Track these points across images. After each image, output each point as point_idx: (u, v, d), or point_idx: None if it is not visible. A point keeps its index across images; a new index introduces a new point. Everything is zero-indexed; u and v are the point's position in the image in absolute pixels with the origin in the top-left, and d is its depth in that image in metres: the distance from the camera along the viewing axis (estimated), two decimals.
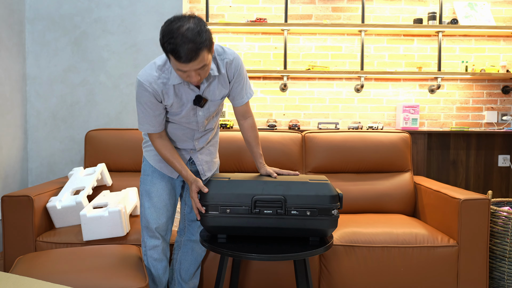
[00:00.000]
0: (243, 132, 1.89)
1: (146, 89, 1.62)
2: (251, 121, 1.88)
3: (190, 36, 1.43)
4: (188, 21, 1.46)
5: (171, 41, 1.43)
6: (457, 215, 2.10)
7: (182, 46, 1.43)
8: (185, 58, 1.44)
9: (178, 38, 1.43)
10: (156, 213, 1.84)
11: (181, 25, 1.44)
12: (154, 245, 1.86)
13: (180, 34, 1.43)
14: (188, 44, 1.43)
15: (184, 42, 1.43)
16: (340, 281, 2.11)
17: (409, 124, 3.29)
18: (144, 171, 1.89)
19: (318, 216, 1.62)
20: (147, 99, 1.64)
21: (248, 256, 1.53)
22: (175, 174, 1.86)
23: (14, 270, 1.69)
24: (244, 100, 1.82)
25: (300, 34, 3.42)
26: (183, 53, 1.43)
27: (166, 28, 1.46)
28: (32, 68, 3.00)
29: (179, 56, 1.44)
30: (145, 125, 1.72)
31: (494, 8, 3.41)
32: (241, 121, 1.88)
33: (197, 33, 1.44)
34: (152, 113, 1.68)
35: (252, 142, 1.88)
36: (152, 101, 1.65)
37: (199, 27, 1.46)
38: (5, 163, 2.76)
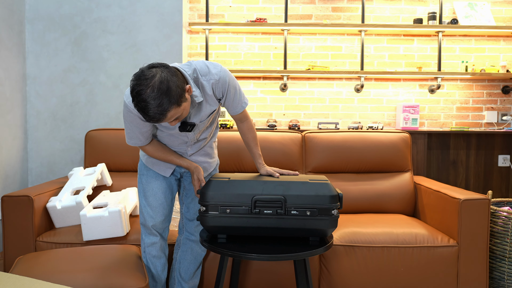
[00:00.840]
0: (241, 134, 1.91)
1: (131, 110, 1.62)
2: (249, 123, 1.89)
3: (153, 102, 1.41)
4: (152, 81, 1.41)
5: (137, 105, 1.43)
6: (457, 215, 2.10)
7: (146, 111, 1.43)
8: (153, 120, 1.46)
9: (141, 103, 1.42)
10: (152, 212, 1.87)
11: (142, 90, 1.41)
12: (152, 242, 1.89)
13: (142, 100, 1.41)
14: (152, 109, 1.42)
15: (148, 108, 1.41)
16: (340, 281, 2.11)
17: (409, 124, 3.29)
18: (140, 170, 1.91)
19: (318, 216, 1.62)
20: (132, 119, 1.65)
21: (248, 256, 1.53)
22: (167, 173, 1.87)
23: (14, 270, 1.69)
24: (239, 110, 1.80)
25: (300, 34, 3.42)
26: (149, 117, 1.45)
27: (132, 89, 1.44)
28: (32, 68, 3.00)
29: (148, 119, 1.46)
30: (132, 140, 1.74)
31: (494, 8, 3.41)
32: (238, 124, 1.90)
33: (162, 95, 1.41)
34: (138, 130, 1.70)
35: (251, 143, 1.90)
36: (137, 121, 1.66)
37: (164, 84, 1.42)
38: (5, 163, 2.76)
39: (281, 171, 1.84)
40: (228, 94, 1.71)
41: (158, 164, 1.86)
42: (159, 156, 1.79)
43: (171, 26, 2.99)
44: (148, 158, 1.87)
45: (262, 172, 1.84)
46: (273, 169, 1.84)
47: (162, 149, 1.79)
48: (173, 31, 3.00)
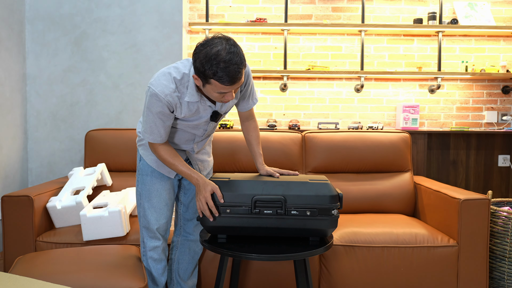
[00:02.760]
0: (245, 132, 1.91)
1: (161, 100, 1.58)
2: (254, 122, 1.91)
3: (231, 59, 1.45)
4: (222, 44, 1.47)
5: (213, 67, 1.44)
6: (457, 215, 2.10)
7: (226, 70, 1.44)
8: (230, 81, 1.46)
9: (221, 63, 1.44)
10: (157, 214, 1.83)
11: (220, 50, 1.45)
12: (154, 246, 1.86)
13: (222, 59, 1.44)
14: (232, 67, 1.44)
15: (227, 66, 1.44)
16: (340, 281, 2.11)
17: (409, 124, 3.29)
18: (142, 170, 1.85)
19: (318, 216, 1.62)
20: (160, 109, 1.61)
21: (248, 256, 1.53)
22: (172, 174, 1.85)
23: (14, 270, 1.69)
24: (250, 106, 1.85)
25: (300, 34, 3.42)
26: (228, 76, 1.45)
27: (203, 54, 1.46)
28: (32, 68, 3.00)
29: (224, 80, 1.45)
30: (154, 135, 1.68)
31: (494, 8, 3.41)
32: (244, 122, 1.91)
33: (236, 54, 1.46)
34: (163, 124, 1.65)
35: (253, 142, 1.90)
36: (165, 111, 1.62)
37: (235, 47, 1.48)
38: (5, 163, 2.76)
39: (281, 171, 1.83)
40: (247, 87, 1.77)
41: (164, 165, 1.83)
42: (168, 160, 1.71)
43: (171, 26, 2.99)
44: (153, 158, 1.84)
45: (262, 172, 1.83)
46: (273, 169, 1.84)
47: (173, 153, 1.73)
48: (173, 31, 3.00)
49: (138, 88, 3.02)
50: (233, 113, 3.46)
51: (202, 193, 1.64)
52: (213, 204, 1.63)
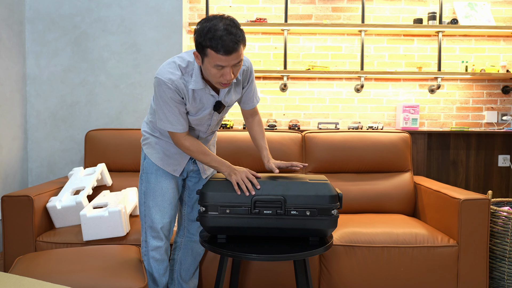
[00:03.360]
0: (249, 128, 1.93)
1: (169, 87, 1.61)
2: (257, 118, 1.94)
3: (229, 29, 1.49)
4: (223, 19, 1.52)
5: (210, 36, 1.48)
6: (457, 215, 2.10)
7: (222, 38, 1.47)
8: (226, 50, 1.48)
9: (218, 32, 1.48)
10: (161, 212, 1.82)
11: (217, 22, 1.50)
12: (157, 246, 1.84)
13: (219, 28, 1.48)
14: (228, 36, 1.48)
15: (224, 34, 1.48)
16: (340, 281, 2.11)
17: (409, 124, 3.29)
18: (147, 169, 1.85)
19: (317, 216, 1.62)
20: (171, 95, 1.63)
21: (248, 256, 1.53)
22: (177, 172, 1.84)
23: (14, 270, 1.69)
24: (254, 104, 1.89)
25: (300, 34, 3.42)
26: (224, 45, 1.48)
27: (202, 26, 1.51)
28: (32, 68, 3.00)
29: (219, 49, 1.48)
30: (174, 125, 1.68)
31: (494, 8, 3.41)
32: (248, 119, 1.93)
33: (235, 27, 1.51)
34: (178, 110, 1.67)
35: (258, 136, 1.91)
36: (177, 98, 1.64)
37: (235, 23, 1.53)
38: (5, 163, 2.76)
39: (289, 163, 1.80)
40: (250, 85, 1.81)
41: (169, 164, 1.83)
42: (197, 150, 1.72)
43: (171, 26, 2.99)
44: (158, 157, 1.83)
45: (269, 165, 1.80)
46: (279, 163, 1.80)
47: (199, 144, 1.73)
48: (173, 31, 3.00)
49: (138, 88, 3.02)
50: (233, 113, 3.46)
51: (241, 170, 1.69)
52: (254, 177, 1.66)
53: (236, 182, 1.66)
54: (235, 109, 3.47)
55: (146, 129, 1.88)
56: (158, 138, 1.84)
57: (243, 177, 1.66)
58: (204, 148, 1.74)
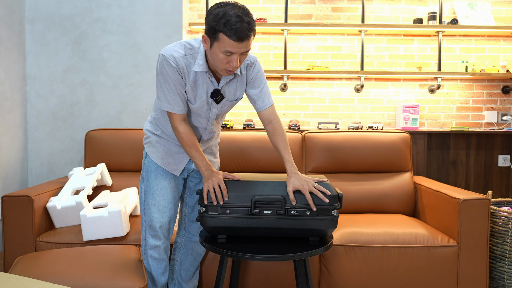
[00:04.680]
0: (270, 137, 1.80)
1: (170, 63, 1.61)
2: (277, 124, 1.79)
3: (244, 16, 1.49)
4: (237, 6, 1.52)
5: (224, 21, 1.48)
6: (457, 215, 2.10)
7: (237, 24, 1.47)
8: (238, 36, 1.48)
9: (233, 17, 1.48)
10: (160, 211, 1.81)
11: (232, 7, 1.50)
12: (155, 245, 1.84)
13: (234, 14, 1.48)
14: (243, 23, 1.48)
15: (239, 21, 1.47)
16: (340, 281, 2.11)
17: (409, 124, 3.29)
18: (147, 168, 1.85)
19: (318, 216, 1.62)
20: (172, 74, 1.62)
21: (248, 256, 1.53)
22: (177, 171, 1.84)
23: (14, 270, 1.69)
24: (268, 103, 1.78)
25: (300, 34, 3.42)
26: (237, 31, 1.48)
27: (216, 10, 1.51)
28: (32, 68, 3.00)
29: (232, 35, 1.48)
30: (171, 104, 1.67)
31: (494, 8, 3.41)
32: (267, 126, 1.81)
33: (248, 15, 1.51)
34: (176, 91, 1.66)
35: (279, 145, 1.76)
36: (177, 77, 1.63)
37: (248, 11, 1.52)
38: (5, 163, 2.76)
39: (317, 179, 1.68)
40: (257, 81, 1.76)
41: (169, 163, 1.82)
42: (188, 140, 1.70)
43: (171, 26, 2.99)
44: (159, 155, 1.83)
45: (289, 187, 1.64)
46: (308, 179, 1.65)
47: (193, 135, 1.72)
48: (173, 31, 3.00)
49: (138, 88, 3.02)
50: (233, 113, 3.46)
51: (215, 176, 1.66)
52: (225, 187, 1.64)
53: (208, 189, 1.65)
54: (235, 109, 3.47)
55: (148, 128, 1.88)
56: (160, 137, 1.84)
57: (215, 185, 1.64)
58: (195, 141, 1.73)
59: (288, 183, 1.65)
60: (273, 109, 1.81)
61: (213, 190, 1.64)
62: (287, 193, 1.63)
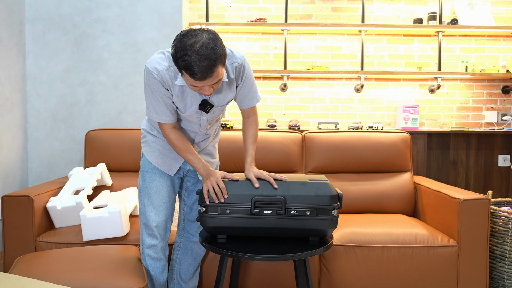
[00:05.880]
0: (243, 129, 1.87)
1: (154, 76, 1.59)
2: (253, 119, 1.87)
3: (204, 53, 1.40)
4: (201, 36, 1.43)
5: (185, 58, 1.41)
6: (457, 215, 2.10)
7: (197, 63, 1.40)
8: (200, 75, 1.42)
9: (193, 56, 1.40)
10: (155, 211, 1.81)
11: (195, 41, 1.41)
12: (151, 244, 1.83)
13: (194, 51, 1.40)
14: (203, 62, 1.40)
15: (199, 59, 1.40)
16: (340, 281, 2.11)
17: (409, 124, 3.29)
18: (143, 167, 1.86)
19: (318, 216, 1.62)
20: (155, 86, 1.61)
21: (248, 256, 1.53)
22: (172, 171, 1.84)
23: (14, 270, 1.69)
24: (252, 104, 1.82)
25: (300, 34, 3.42)
26: (198, 71, 1.41)
27: (179, 44, 1.43)
28: (32, 68, 3.00)
29: (194, 74, 1.42)
30: (160, 115, 1.67)
31: (494, 8, 3.41)
32: (245, 119, 1.88)
33: (211, 49, 1.41)
34: (163, 102, 1.65)
35: (248, 139, 1.83)
36: (161, 89, 1.62)
37: (213, 42, 1.43)
38: (5, 163, 2.76)
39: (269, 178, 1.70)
40: (245, 82, 1.74)
41: (164, 162, 1.82)
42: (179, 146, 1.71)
43: (171, 26, 3.00)
44: (154, 155, 1.83)
45: (247, 175, 1.70)
46: (261, 173, 1.70)
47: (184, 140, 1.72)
48: (173, 31, 3.00)
49: (138, 88, 3.02)
50: (233, 113, 3.46)
51: (213, 176, 1.65)
52: (224, 186, 1.63)
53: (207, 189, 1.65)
54: (235, 109, 3.47)
55: (144, 127, 1.88)
56: (155, 137, 1.84)
57: (213, 184, 1.64)
58: (188, 145, 1.72)
59: (248, 172, 1.71)
60: (255, 107, 1.86)
61: (212, 189, 1.64)
62: (250, 176, 1.69)
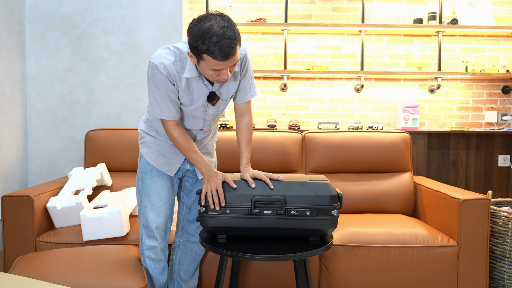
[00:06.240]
0: (237, 129, 1.84)
1: (161, 71, 1.58)
2: (247, 119, 1.84)
3: (225, 33, 1.43)
4: (217, 18, 1.46)
5: (206, 42, 1.43)
6: (457, 215, 2.10)
7: (219, 43, 1.43)
8: (223, 56, 1.44)
9: (214, 37, 1.43)
10: (156, 212, 1.80)
11: (212, 24, 1.44)
12: (151, 246, 1.82)
13: (214, 32, 1.43)
14: (225, 41, 1.43)
15: (220, 39, 1.42)
16: (340, 281, 2.11)
17: (409, 124, 3.29)
18: (142, 168, 1.84)
19: (318, 216, 1.62)
20: (162, 82, 1.60)
21: (248, 256, 1.53)
22: (172, 172, 1.83)
23: (14, 270, 1.69)
24: (247, 98, 1.80)
25: (300, 34, 3.42)
26: (221, 51, 1.43)
27: (196, 29, 1.46)
28: (32, 68, 3.00)
29: (217, 55, 1.44)
30: (164, 111, 1.65)
31: (494, 8, 3.41)
32: (238, 118, 1.85)
33: (230, 29, 1.45)
34: (168, 97, 1.63)
35: (242, 141, 1.81)
36: (167, 84, 1.61)
37: (229, 22, 1.47)
38: (5, 163, 2.76)
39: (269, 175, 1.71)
40: (246, 74, 1.74)
41: (164, 163, 1.81)
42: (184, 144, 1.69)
43: (171, 26, 3.00)
44: (153, 156, 1.82)
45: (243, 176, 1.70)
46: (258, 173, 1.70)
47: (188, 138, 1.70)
48: (173, 31, 3.00)
49: (138, 88, 3.02)
50: (233, 113, 3.46)
51: (214, 180, 1.64)
52: (222, 192, 1.63)
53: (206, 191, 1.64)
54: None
55: (142, 128, 1.86)
56: (154, 138, 1.83)
57: (213, 189, 1.63)
58: (191, 143, 1.71)
59: (244, 173, 1.71)
60: (249, 103, 1.83)
61: (210, 193, 1.63)
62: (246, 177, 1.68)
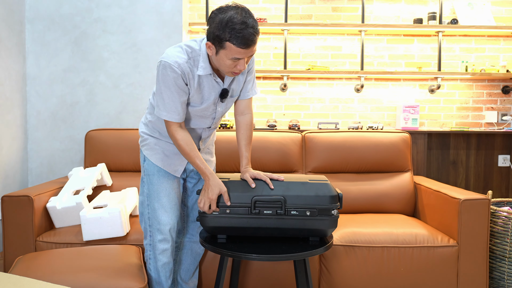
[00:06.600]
0: (237, 128, 1.82)
1: (175, 70, 1.56)
2: (248, 118, 1.82)
3: (247, 21, 1.47)
4: (237, 9, 1.49)
5: (229, 29, 1.46)
6: (457, 215, 2.10)
7: (243, 32, 1.46)
8: (246, 43, 1.47)
9: (237, 25, 1.46)
10: (168, 213, 1.77)
11: (233, 13, 1.47)
12: (164, 249, 1.79)
13: (237, 21, 1.46)
14: (248, 29, 1.46)
15: (244, 28, 1.46)
16: (340, 281, 2.11)
17: (409, 124, 3.29)
18: (148, 171, 1.80)
19: (318, 216, 1.62)
20: (175, 81, 1.58)
21: (248, 256, 1.53)
22: (178, 172, 1.81)
23: (14, 270, 1.69)
24: (249, 95, 1.80)
25: (300, 34, 3.42)
26: (244, 38, 1.46)
27: (219, 18, 1.48)
28: (32, 68, 3.00)
29: (241, 43, 1.47)
30: (170, 113, 1.62)
31: (494, 8, 3.41)
32: (238, 116, 1.83)
33: (251, 17, 1.49)
34: (178, 98, 1.61)
35: (242, 140, 1.79)
36: (180, 84, 1.59)
37: (250, 13, 1.51)
38: (5, 163, 2.76)
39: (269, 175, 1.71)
40: (250, 71, 1.77)
41: (170, 164, 1.79)
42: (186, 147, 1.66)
43: (171, 26, 2.99)
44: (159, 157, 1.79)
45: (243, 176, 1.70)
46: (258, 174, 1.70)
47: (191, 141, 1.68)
48: (173, 31, 3.00)
49: (138, 88, 3.02)
50: (233, 113, 3.46)
51: (209, 194, 1.61)
52: (216, 207, 1.62)
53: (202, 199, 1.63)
54: None
55: (144, 130, 1.84)
56: (157, 139, 1.81)
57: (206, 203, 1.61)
58: (194, 147, 1.67)
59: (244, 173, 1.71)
60: (250, 101, 1.83)
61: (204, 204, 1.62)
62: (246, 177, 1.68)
